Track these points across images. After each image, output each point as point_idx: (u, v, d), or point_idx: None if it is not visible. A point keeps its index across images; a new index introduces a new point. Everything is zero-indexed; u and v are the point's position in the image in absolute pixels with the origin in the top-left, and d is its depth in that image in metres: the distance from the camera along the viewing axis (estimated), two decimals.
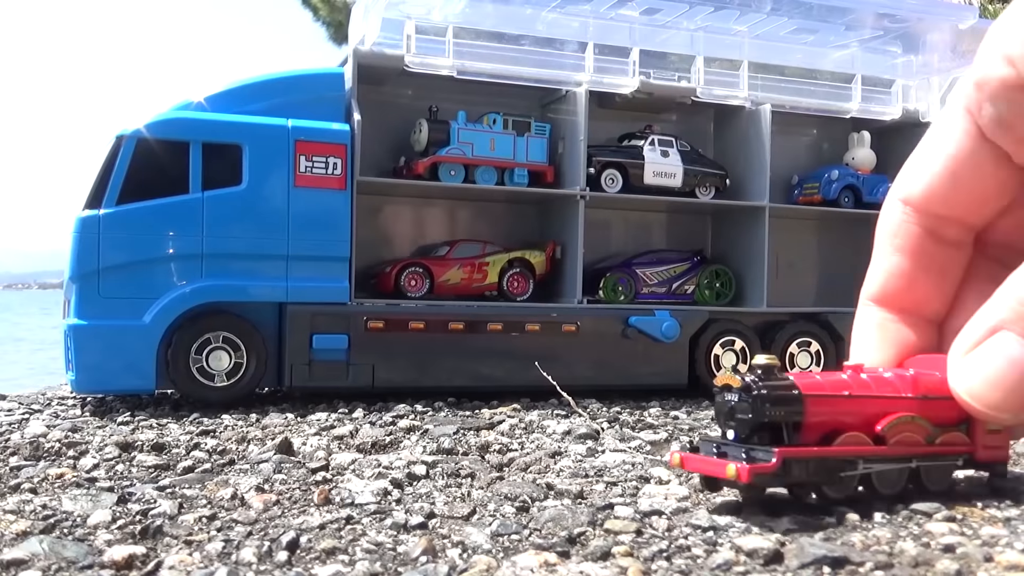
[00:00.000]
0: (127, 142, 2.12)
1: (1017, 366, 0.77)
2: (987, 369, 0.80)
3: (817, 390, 1.03)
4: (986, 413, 0.84)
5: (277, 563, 0.85)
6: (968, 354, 0.81)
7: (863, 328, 1.05)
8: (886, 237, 0.98)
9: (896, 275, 0.98)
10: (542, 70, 2.51)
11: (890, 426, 1.05)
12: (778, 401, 1.01)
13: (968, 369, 0.82)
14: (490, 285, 2.55)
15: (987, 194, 0.91)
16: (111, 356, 2.09)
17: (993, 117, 0.84)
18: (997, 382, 0.79)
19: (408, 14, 2.36)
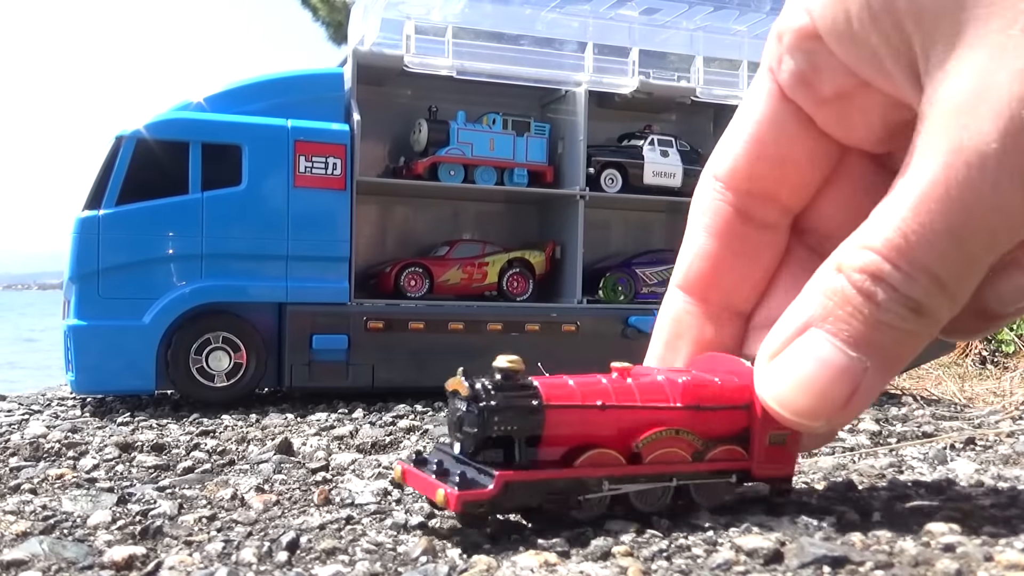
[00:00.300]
0: (127, 142, 2.12)
1: (828, 368, 0.69)
2: (796, 372, 0.71)
3: (562, 400, 0.90)
4: (797, 422, 0.75)
5: (277, 563, 0.85)
6: (776, 357, 0.73)
7: (660, 320, 0.96)
8: (695, 216, 0.88)
9: (702, 259, 0.87)
10: (541, 70, 2.51)
11: (646, 442, 0.92)
12: (510, 413, 0.87)
13: (775, 373, 0.73)
14: (490, 285, 2.55)
15: (795, 166, 0.81)
16: (111, 357, 2.09)
17: (792, 72, 0.75)
18: (806, 386, 0.70)
19: (407, 14, 2.36)
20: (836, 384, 0.69)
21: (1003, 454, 1.51)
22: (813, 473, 1.30)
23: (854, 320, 0.66)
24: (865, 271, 0.65)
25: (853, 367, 0.68)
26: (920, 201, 0.63)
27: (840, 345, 0.67)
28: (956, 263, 0.64)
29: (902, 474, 1.31)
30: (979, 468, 1.36)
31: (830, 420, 0.72)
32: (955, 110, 0.61)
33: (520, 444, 0.88)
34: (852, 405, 0.69)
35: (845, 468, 1.35)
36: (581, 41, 2.53)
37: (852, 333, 0.67)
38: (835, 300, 0.67)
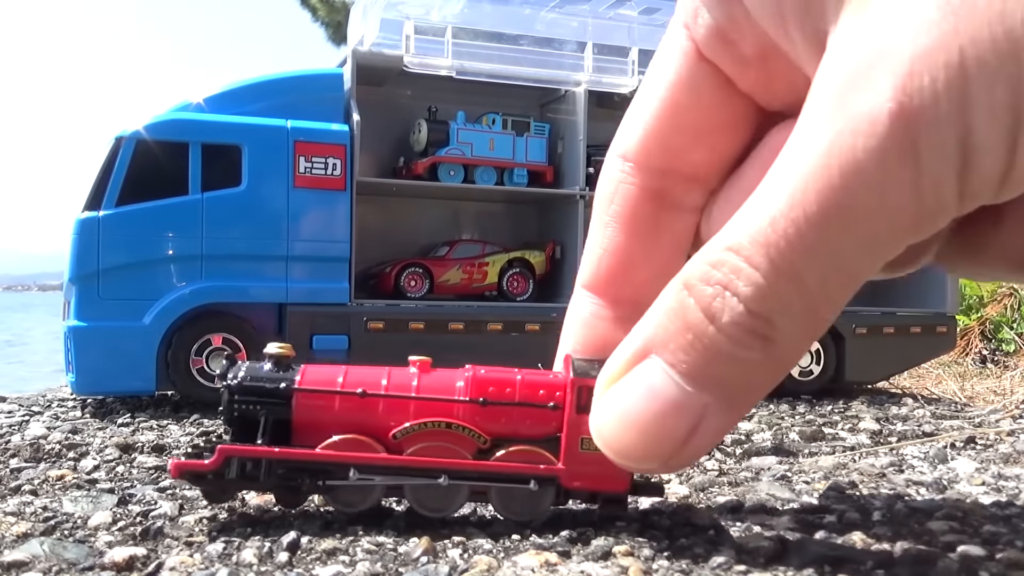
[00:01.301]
0: (126, 143, 2.12)
1: (661, 403, 0.58)
2: (625, 406, 0.60)
3: (316, 386, 0.89)
4: (625, 463, 0.64)
5: (278, 564, 0.85)
6: (611, 386, 0.62)
7: (566, 323, 0.87)
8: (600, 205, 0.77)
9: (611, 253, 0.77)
10: (541, 70, 2.51)
11: (405, 432, 0.88)
12: (252, 394, 0.88)
13: (605, 404, 0.63)
14: (490, 285, 2.55)
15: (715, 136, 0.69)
16: (111, 358, 2.09)
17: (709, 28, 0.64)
18: (635, 423, 0.60)
19: (407, 14, 2.36)
20: (670, 423, 0.58)
21: (1003, 453, 1.51)
22: (813, 472, 1.30)
23: (694, 348, 0.55)
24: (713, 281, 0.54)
25: (690, 404, 0.57)
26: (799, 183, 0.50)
27: (676, 377, 0.57)
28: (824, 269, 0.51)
29: (902, 473, 1.31)
30: (979, 467, 1.36)
31: (664, 463, 0.61)
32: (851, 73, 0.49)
33: (265, 424, 0.87)
34: (690, 447, 0.59)
35: (845, 467, 1.35)
36: (580, 41, 2.54)
37: (690, 363, 0.56)
38: (676, 324, 0.56)
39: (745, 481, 1.23)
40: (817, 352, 2.67)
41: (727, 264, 0.53)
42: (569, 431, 0.87)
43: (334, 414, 0.88)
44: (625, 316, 0.78)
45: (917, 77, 0.46)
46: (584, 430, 0.81)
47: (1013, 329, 3.74)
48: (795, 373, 2.63)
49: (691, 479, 1.24)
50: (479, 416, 0.89)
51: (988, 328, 3.82)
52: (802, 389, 2.61)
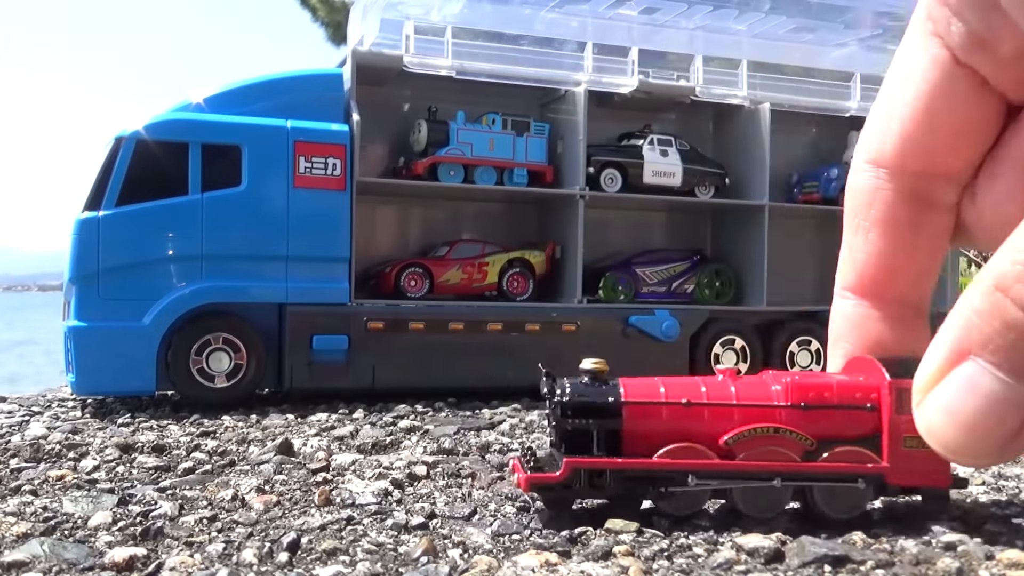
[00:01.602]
0: (126, 143, 2.12)
1: (992, 403, 0.60)
2: (954, 409, 0.63)
3: (641, 398, 0.95)
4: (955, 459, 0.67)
5: (278, 564, 0.85)
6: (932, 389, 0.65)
7: (833, 325, 0.91)
8: (857, 211, 0.82)
9: (872, 256, 0.81)
10: (541, 70, 2.51)
11: (737, 439, 0.92)
12: (583, 409, 0.94)
13: (930, 408, 0.66)
14: (490, 285, 2.55)
15: (972, 134, 0.74)
16: (111, 358, 2.09)
17: (964, 35, 0.69)
18: (968, 424, 0.63)
19: (407, 14, 2.36)
20: (1001, 419, 0.61)
21: None
22: None
23: (1018, 347, 0.58)
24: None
25: (1018, 399, 0.60)
26: None
27: (1002, 376, 0.59)
28: None
29: None
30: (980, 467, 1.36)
31: (999, 456, 0.63)
32: None
33: (599, 437, 0.93)
34: (1019, 439, 0.62)
35: None
36: (580, 41, 2.53)
37: (1015, 361, 0.59)
38: (994, 326, 0.59)
39: None
40: (817, 352, 2.67)
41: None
42: (891, 431, 0.90)
43: (660, 423, 0.94)
44: (893, 315, 0.83)
45: None
46: (904, 429, 0.88)
47: None
48: None
49: None
50: (802, 420, 0.92)
51: None
52: None
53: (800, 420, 0.92)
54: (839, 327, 0.88)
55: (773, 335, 2.64)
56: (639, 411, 0.94)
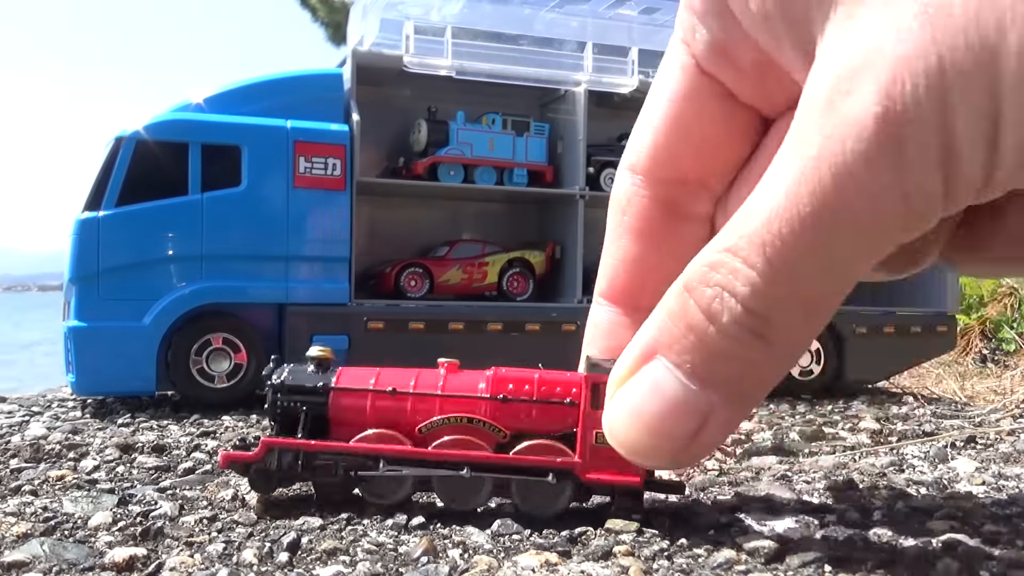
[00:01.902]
0: (126, 144, 2.12)
1: (668, 403, 0.60)
2: (634, 405, 0.63)
3: (351, 384, 0.98)
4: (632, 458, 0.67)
5: (278, 564, 0.85)
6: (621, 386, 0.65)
7: (586, 332, 0.90)
8: (614, 218, 0.80)
9: (626, 263, 0.80)
10: (541, 70, 2.51)
11: (430, 427, 0.95)
12: (293, 392, 0.97)
13: (615, 404, 0.66)
14: (490, 285, 2.55)
15: (720, 145, 0.73)
16: (111, 358, 2.09)
17: (707, 43, 0.67)
18: (644, 422, 0.62)
19: (407, 14, 2.36)
20: (679, 422, 0.61)
21: (1004, 452, 1.51)
22: (814, 472, 1.30)
23: (696, 349, 0.58)
24: (712, 282, 0.57)
25: (696, 402, 0.59)
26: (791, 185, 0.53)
27: (681, 377, 0.59)
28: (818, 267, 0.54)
29: (903, 473, 1.31)
30: (980, 466, 1.36)
31: (674, 459, 0.64)
32: (838, 80, 0.52)
33: (305, 420, 0.95)
34: (697, 444, 0.61)
35: (846, 467, 1.35)
36: (580, 41, 2.53)
37: (694, 364, 0.59)
38: (679, 325, 0.59)
39: (745, 481, 1.23)
40: (817, 352, 2.67)
41: (725, 265, 0.56)
42: (585, 426, 0.90)
43: (366, 411, 0.96)
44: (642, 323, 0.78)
45: (899, 82, 0.49)
46: (598, 425, 0.87)
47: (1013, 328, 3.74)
48: (795, 373, 2.62)
49: (691, 479, 1.24)
50: (500, 412, 0.93)
51: (988, 327, 3.82)
52: (802, 389, 2.61)
53: (498, 412, 0.94)
54: (588, 333, 0.87)
55: None
56: (346, 397, 0.96)
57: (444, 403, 0.96)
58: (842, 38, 0.52)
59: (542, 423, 0.94)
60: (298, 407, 0.97)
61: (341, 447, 0.95)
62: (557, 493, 0.94)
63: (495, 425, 0.94)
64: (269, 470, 0.96)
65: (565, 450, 0.92)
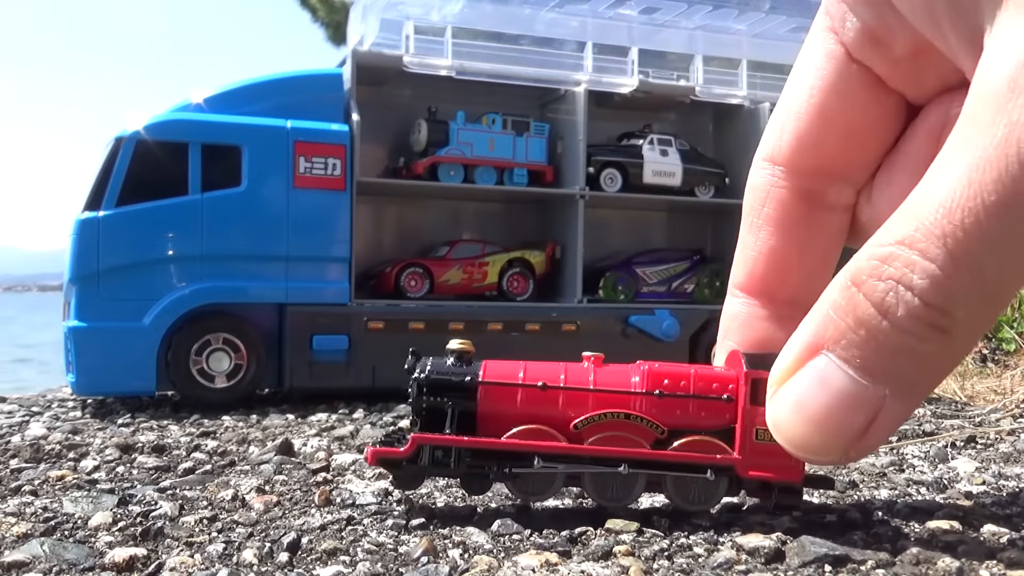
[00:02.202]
0: (126, 144, 2.12)
1: (838, 398, 0.58)
2: (802, 403, 0.61)
3: (499, 379, 0.94)
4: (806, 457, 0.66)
5: (278, 564, 0.85)
6: (784, 384, 0.63)
7: (722, 323, 0.88)
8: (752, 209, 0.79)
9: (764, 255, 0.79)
10: (541, 70, 2.51)
11: (586, 423, 0.92)
12: (439, 387, 0.93)
13: (781, 401, 0.64)
14: (490, 285, 2.55)
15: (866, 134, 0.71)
16: (111, 358, 2.09)
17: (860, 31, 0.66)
18: (814, 419, 0.61)
19: (407, 14, 2.36)
20: (848, 417, 0.59)
21: (1004, 452, 1.51)
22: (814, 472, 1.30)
23: (867, 344, 0.56)
24: (885, 276, 0.54)
25: (867, 397, 0.58)
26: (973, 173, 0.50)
27: (852, 373, 0.58)
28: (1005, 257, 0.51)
29: (903, 472, 1.31)
30: (980, 466, 1.36)
31: (843, 455, 0.63)
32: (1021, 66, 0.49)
33: (452, 416, 0.92)
34: (869, 439, 0.60)
35: (846, 467, 1.35)
36: (580, 41, 2.53)
37: (864, 359, 0.57)
38: (846, 320, 0.57)
39: None
40: None
41: (899, 258, 0.54)
42: (744, 422, 0.88)
43: (514, 405, 0.93)
44: (783, 315, 0.80)
45: None
46: (758, 421, 0.85)
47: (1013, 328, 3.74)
48: None
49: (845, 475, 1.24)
50: (656, 408, 0.91)
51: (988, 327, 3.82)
52: None
53: (654, 408, 0.91)
54: (726, 325, 0.87)
55: None
56: (494, 392, 0.93)
57: (596, 398, 0.93)
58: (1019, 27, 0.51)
59: (698, 419, 0.91)
60: (444, 402, 0.93)
61: (496, 443, 0.92)
62: (713, 489, 0.93)
63: (653, 421, 0.91)
64: (419, 466, 0.93)
65: (723, 446, 0.90)
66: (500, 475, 0.94)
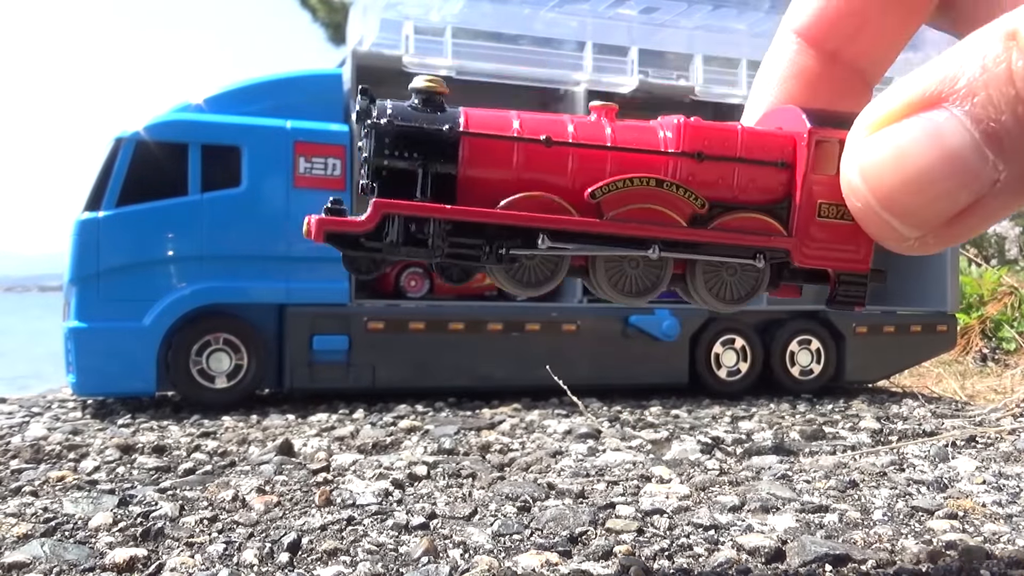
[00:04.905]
0: (126, 144, 2.12)
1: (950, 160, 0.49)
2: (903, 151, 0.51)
3: (487, 129, 0.68)
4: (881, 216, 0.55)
5: (279, 564, 0.85)
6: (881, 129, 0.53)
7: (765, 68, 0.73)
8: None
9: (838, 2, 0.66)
10: (541, 70, 2.51)
11: (605, 190, 0.68)
12: (406, 140, 0.67)
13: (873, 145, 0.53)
14: (490, 285, 2.55)
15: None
16: (111, 358, 2.09)
17: None
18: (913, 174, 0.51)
19: (406, 15, 2.36)
20: (953, 185, 0.50)
21: (1004, 451, 1.51)
22: (814, 471, 1.30)
23: (1010, 109, 0.47)
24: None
25: (982, 171, 0.49)
26: None
27: (976, 135, 0.48)
28: None
29: (903, 472, 1.31)
30: (980, 465, 1.36)
31: (928, 230, 0.52)
32: None
33: (424, 178, 0.68)
34: (961, 223, 0.51)
35: (846, 466, 1.35)
36: (580, 40, 2.53)
37: (1000, 124, 0.47)
38: (992, 74, 0.47)
39: (746, 480, 1.23)
40: (817, 351, 2.67)
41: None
42: (804, 194, 0.68)
43: (509, 166, 0.68)
44: (845, 79, 0.67)
45: None
46: (822, 194, 0.67)
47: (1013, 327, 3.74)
48: (796, 372, 2.63)
49: (691, 479, 1.24)
50: (689, 172, 0.69)
51: (988, 326, 3.82)
52: (803, 388, 2.61)
53: (691, 174, 0.69)
54: (774, 71, 0.71)
55: (773, 334, 2.64)
56: (482, 147, 0.68)
57: (617, 159, 0.69)
58: None
59: (744, 190, 0.70)
60: (414, 159, 0.67)
61: (492, 214, 0.67)
62: (753, 281, 0.73)
63: (692, 191, 0.68)
64: (384, 244, 0.68)
65: (776, 225, 0.69)
66: (492, 257, 0.69)
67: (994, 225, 0.59)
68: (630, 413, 2.08)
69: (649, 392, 2.47)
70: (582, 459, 1.42)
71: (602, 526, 0.94)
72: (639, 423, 1.93)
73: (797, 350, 2.65)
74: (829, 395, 2.57)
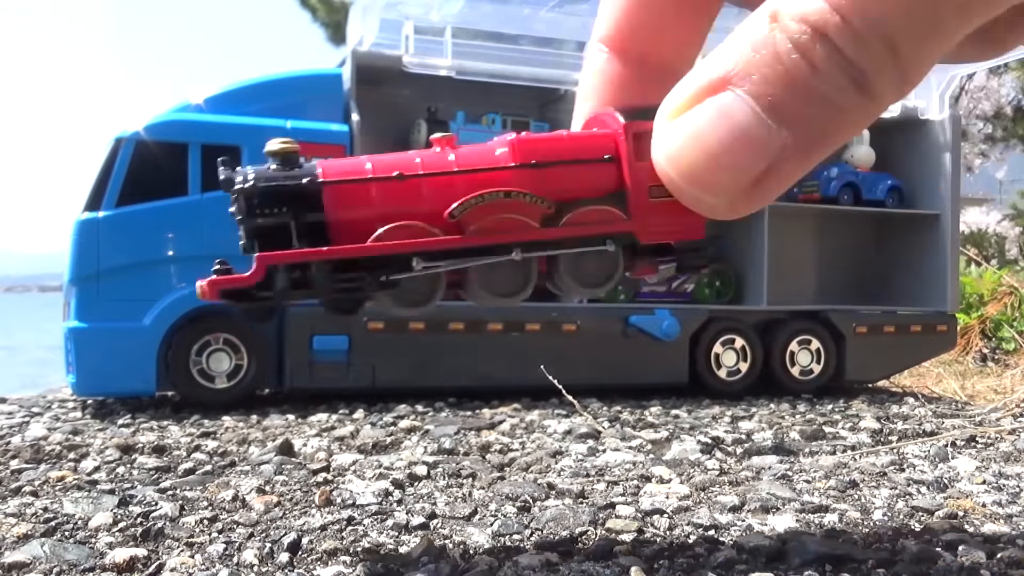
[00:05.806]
0: (126, 144, 2.12)
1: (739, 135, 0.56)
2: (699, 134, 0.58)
3: (345, 175, 0.77)
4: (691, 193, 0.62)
5: (279, 564, 0.85)
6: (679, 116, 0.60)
7: (583, 81, 0.80)
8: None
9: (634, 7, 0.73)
10: (540, 70, 2.51)
11: (464, 208, 0.76)
12: (272, 197, 0.75)
13: (674, 131, 0.60)
14: None
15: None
16: (111, 358, 2.09)
17: None
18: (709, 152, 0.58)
19: (406, 14, 2.36)
20: (745, 155, 0.57)
21: (1004, 451, 1.51)
22: (814, 472, 1.30)
23: (782, 83, 0.54)
24: (808, 21, 0.52)
25: (769, 140, 0.56)
26: None
27: (758, 109, 0.55)
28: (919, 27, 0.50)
29: (903, 472, 1.31)
30: (980, 466, 1.36)
31: (733, 198, 0.59)
32: None
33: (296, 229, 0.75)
34: (760, 187, 0.58)
35: (846, 466, 1.35)
36: (580, 40, 2.53)
37: (776, 97, 0.55)
38: (762, 55, 0.54)
39: (746, 480, 1.23)
40: (817, 351, 2.67)
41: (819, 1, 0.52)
42: (634, 181, 0.77)
43: (371, 206, 0.77)
44: (654, 79, 0.74)
45: None
46: (648, 178, 0.74)
47: (1013, 327, 3.73)
48: (795, 372, 2.63)
49: (692, 479, 1.24)
50: (534, 181, 0.78)
51: (988, 326, 3.82)
52: (802, 388, 2.61)
53: (532, 181, 0.78)
54: (590, 83, 0.78)
55: (773, 334, 2.64)
56: (343, 192, 0.76)
57: (466, 181, 0.78)
58: None
59: (583, 187, 0.79)
60: (284, 214, 0.75)
61: (364, 248, 0.76)
62: (611, 263, 0.81)
63: (537, 196, 0.77)
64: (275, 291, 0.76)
65: (619, 213, 0.78)
66: (375, 285, 0.78)
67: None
68: (630, 413, 2.08)
69: (649, 392, 2.47)
70: (582, 459, 1.42)
71: (602, 526, 0.94)
72: (639, 423, 1.93)
73: (797, 350, 2.65)
74: (829, 395, 2.57)
